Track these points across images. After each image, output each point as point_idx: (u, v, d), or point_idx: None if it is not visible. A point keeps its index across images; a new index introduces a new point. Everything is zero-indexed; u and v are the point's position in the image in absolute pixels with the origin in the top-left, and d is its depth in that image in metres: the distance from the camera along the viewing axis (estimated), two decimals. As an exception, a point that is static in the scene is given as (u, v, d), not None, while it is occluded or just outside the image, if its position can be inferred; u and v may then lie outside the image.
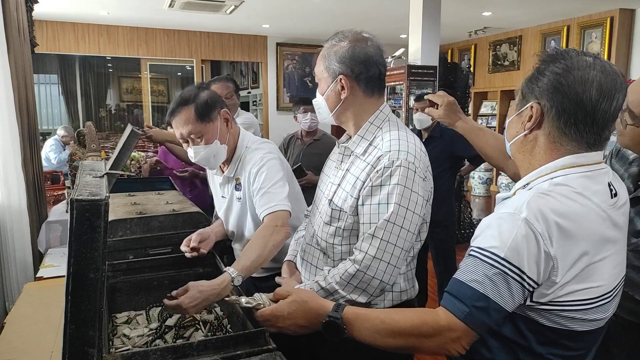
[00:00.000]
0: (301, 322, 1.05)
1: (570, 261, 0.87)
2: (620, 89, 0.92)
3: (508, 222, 0.88)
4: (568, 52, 0.95)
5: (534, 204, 0.88)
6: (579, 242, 0.87)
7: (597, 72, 0.91)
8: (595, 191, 0.93)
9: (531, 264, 0.86)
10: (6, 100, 2.41)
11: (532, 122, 0.96)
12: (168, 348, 1.13)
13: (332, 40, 1.39)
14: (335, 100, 1.37)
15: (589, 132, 0.93)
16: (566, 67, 0.92)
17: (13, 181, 2.48)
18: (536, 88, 0.96)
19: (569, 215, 0.87)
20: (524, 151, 1.01)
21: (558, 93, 0.92)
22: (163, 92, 10.18)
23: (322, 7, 6.43)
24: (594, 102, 0.90)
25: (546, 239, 0.86)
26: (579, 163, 0.94)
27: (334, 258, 1.37)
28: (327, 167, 1.52)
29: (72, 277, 0.89)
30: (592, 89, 0.90)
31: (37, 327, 1.63)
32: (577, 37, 7.14)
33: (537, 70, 0.97)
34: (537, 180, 0.96)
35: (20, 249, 2.53)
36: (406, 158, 1.25)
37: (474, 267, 0.90)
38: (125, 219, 1.65)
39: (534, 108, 0.95)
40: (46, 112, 9.59)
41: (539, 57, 0.99)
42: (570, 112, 0.92)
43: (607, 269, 0.92)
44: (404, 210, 1.24)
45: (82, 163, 1.38)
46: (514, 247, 0.86)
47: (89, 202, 0.87)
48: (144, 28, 7.90)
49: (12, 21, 2.56)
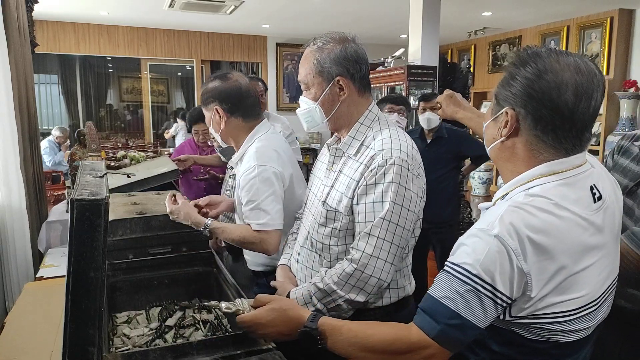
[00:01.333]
0: (280, 329, 1.06)
1: (546, 276, 0.84)
2: (597, 87, 0.87)
3: (481, 238, 0.86)
4: (539, 54, 0.90)
5: (507, 218, 0.84)
6: (555, 256, 0.84)
7: (571, 74, 0.86)
8: (575, 199, 0.89)
9: (504, 281, 0.84)
10: (6, 100, 2.41)
11: (508, 129, 0.92)
12: (168, 348, 1.13)
13: (314, 45, 1.36)
14: (332, 104, 1.35)
15: (568, 137, 0.89)
16: (537, 71, 0.88)
17: (13, 181, 2.48)
18: (509, 94, 0.92)
19: (544, 229, 0.84)
20: (502, 158, 0.97)
21: (532, 100, 0.88)
22: (163, 92, 10.18)
23: (322, 7, 6.43)
24: (571, 105, 0.86)
25: (519, 255, 0.83)
26: (557, 170, 0.90)
27: (330, 259, 1.37)
28: (316, 169, 1.52)
29: (72, 277, 0.89)
30: (567, 92, 0.85)
31: (37, 327, 1.64)
32: (577, 38, 7.14)
33: (509, 74, 0.93)
34: (515, 190, 0.92)
35: (20, 249, 2.53)
36: (399, 156, 1.26)
37: (447, 283, 0.88)
38: (125, 219, 1.65)
39: (509, 114, 0.91)
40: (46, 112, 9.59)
41: (510, 59, 0.95)
42: (548, 119, 0.87)
43: (592, 277, 0.89)
44: (399, 207, 1.25)
45: (82, 163, 1.39)
46: (486, 264, 0.84)
47: (89, 202, 0.88)
48: (144, 28, 7.90)
49: (12, 21, 2.56)
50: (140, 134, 9.40)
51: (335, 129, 1.42)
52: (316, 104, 1.36)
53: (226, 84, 1.73)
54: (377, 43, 8.99)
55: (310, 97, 1.37)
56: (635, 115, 6.38)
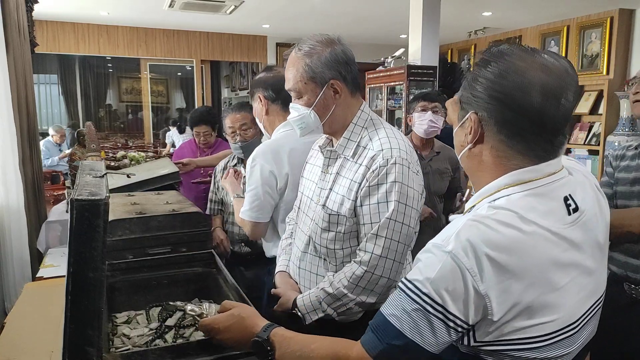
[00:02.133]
0: (236, 337, 1.04)
1: (510, 297, 0.76)
2: (569, 85, 0.80)
3: (434, 254, 0.78)
4: (503, 52, 0.84)
5: (464, 234, 0.76)
6: (520, 276, 0.76)
7: (537, 72, 0.79)
8: (545, 212, 0.80)
9: (457, 303, 0.76)
10: (5, 100, 2.41)
11: (473, 135, 0.85)
12: (168, 348, 1.13)
13: (300, 51, 1.34)
14: (326, 108, 1.34)
15: (538, 141, 0.81)
16: (500, 70, 0.81)
17: (11, 181, 2.48)
18: (472, 97, 0.85)
19: (507, 246, 0.76)
20: (471, 167, 0.90)
21: (495, 102, 0.81)
22: (163, 93, 10.19)
23: (322, 7, 6.43)
24: (538, 107, 0.78)
25: (475, 275, 0.75)
26: (524, 179, 0.82)
27: (335, 263, 1.36)
28: (307, 172, 1.51)
29: (72, 277, 0.89)
30: (533, 92, 0.78)
31: (37, 327, 1.63)
32: (577, 38, 7.14)
33: (472, 76, 0.86)
34: (482, 202, 0.85)
35: (18, 249, 2.53)
36: (399, 155, 1.27)
37: (396, 300, 0.81)
38: (125, 219, 1.65)
39: (472, 119, 0.85)
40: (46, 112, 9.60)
41: (476, 60, 0.89)
42: (513, 122, 0.80)
43: (567, 298, 0.80)
44: (404, 206, 1.25)
45: (82, 163, 1.38)
46: (437, 283, 0.76)
47: (89, 202, 0.87)
48: (143, 28, 7.90)
49: (12, 21, 2.56)
50: (140, 134, 9.41)
51: (330, 132, 1.41)
52: (310, 109, 1.34)
53: (270, 74, 1.85)
54: (377, 43, 8.99)
55: (303, 104, 1.35)
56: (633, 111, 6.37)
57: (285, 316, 1.41)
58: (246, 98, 10.68)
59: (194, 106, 8.84)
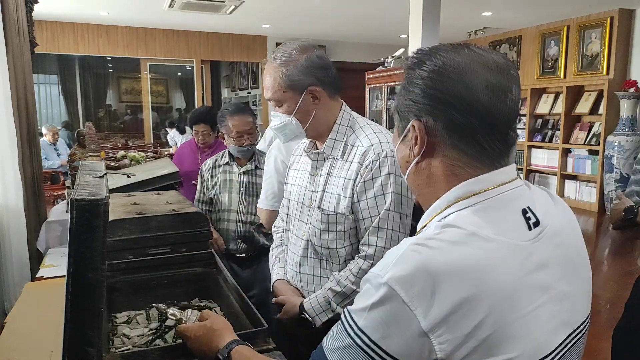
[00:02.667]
0: (203, 349, 1.04)
1: (460, 332, 0.63)
2: (512, 78, 0.73)
3: (371, 285, 0.67)
4: (437, 49, 0.76)
5: (403, 261, 0.65)
6: (473, 304, 0.63)
7: (479, 67, 0.72)
8: (501, 226, 0.70)
9: (395, 342, 0.64)
10: (4, 101, 2.41)
11: (421, 145, 0.75)
12: (168, 348, 1.13)
13: (276, 60, 1.34)
14: (307, 114, 1.35)
15: (491, 141, 0.72)
16: (437, 68, 0.73)
17: (11, 181, 2.48)
18: (410, 103, 0.75)
19: (456, 270, 0.64)
20: (420, 184, 0.79)
21: (439, 103, 0.72)
22: (162, 93, 10.19)
23: (322, 7, 6.43)
24: (486, 103, 0.70)
25: (416, 308, 0.62)
26: (475, 190, 0.72)
27: (339, 262, 1.37)
28: (293, 178, 1.51)
29: (71, 277, 0.89)
30: (479, 88, 0.70)
31: (37, 327, 1.63)
32: (577, 38, 7.14)
33: (406, 80, 0.77)
34: (432, 221, 0.75)
35: (17, 249, 2.54)
36: (389, 148, 1.30)
37: (335, 331, 0.72)
38: (125, 219, 1.65)
39: (416, 127, 0.75)
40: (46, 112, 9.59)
41: (403, 66, 0.80)
42: (463, 124, 0.71)
43: (534, 327, 0.67)
44: (400, 196, 1.29)
45: (82, 163, 1.38)
46: (372, 318, 0.65)
47: (89, 202, 0.87)
48: (143, 28, 7.91)
49: (12, 21, 2.56)
50: (140, 134, 9.41)
51: (314, 137, 1.43)
52: (291, 116, 1.35)
53: None
54: (377, 43, 8.99)
55: (284, 112, 1.36)
56: (635, 115, 6.38)
57: (294, 322, 1.41)
58: (245, 98, 10.70)
59: (194, 106, 8.84)
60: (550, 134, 7.55)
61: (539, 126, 7.80)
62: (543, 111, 7.70)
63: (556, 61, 7.54)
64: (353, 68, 8.66)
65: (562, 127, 7.19)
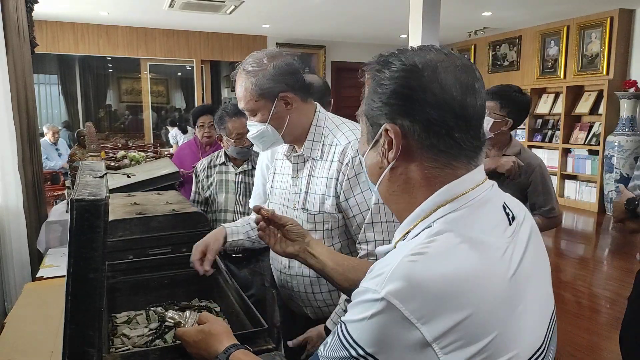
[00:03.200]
0: (202, 353, 1.03)
1: (465, 339, 0.62)
2: (478, 78, 0.72)
3: (367, 298, 0.65)
4: (401, 51, 0.75)
5: (399, 273, 0.63)
6: (477, 311, 0.62)
7: (447, 64, 0.71)
8: (490, 225, 0.71)
9: (393, 354, 0.63)
10: (4, 101, 2.41)
11: (396, 149, 0.72)
12: (168, 348, 1.13)
13: (244, 71, 1.36)
14: (281, 120, 1.37)
15: (467, 139, 0.71)
16: (409, 68, 0.71)
17: (11, 182, 2.48)
18: (382, 106, 0.72)
19: (456, 278, 0.63)
20: (395, 191, 0.76)
21: (414, 102, 0.70)
22: (163, 93, 10.18)
23: (322, 7, 6.43)
24: (459, 99, 0.69)
25: (417, 321, 0.61)
26: (459, 192, 0.71)
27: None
28: (277, 182, 1.53)
29: (72, 277, 0.89)
30: (451, 84, 0.69)
31: (37, 327, 1.63)
32: (577, 37, 7.14)
33: (374, 84, 0.74)
34: (418, 227, 0.72)
35: (18, 250, 2.54)
36: None
37: (330, 342, 0.70)
38: (125, 219, 1.65)
39: (390, 131, 0.72)
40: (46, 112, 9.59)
41: (366, 69, 0.77)
42: (439, 121, 0.69)
43: (529, 321, 0.68)
44: None
45: (82, 163, 1.39)
46: (369, 330, 0.64)
47: (89, 203, 0.87)
48: (143, 28, 7.91)
49: (12, 22, 2.56)
50: (140, 134, 9.41)
51: (292, 141, 1.44)
52: (266, 124, 1.37)
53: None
54: (377, 43, 8.99)
55: (259, 120, 1.38)
56: (635, 115, 6.38)
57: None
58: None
59: (194, 106, 8.85)
60: (550, 134, 7.56)
61: (538, 126, 7.80)
62: (543, 111, 7.70)
63: (556, 61, 7.54)
64: (353, 68, 8.65)
65: (562, 127, 7.19)
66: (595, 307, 3.59)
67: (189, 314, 1.19)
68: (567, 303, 3.75)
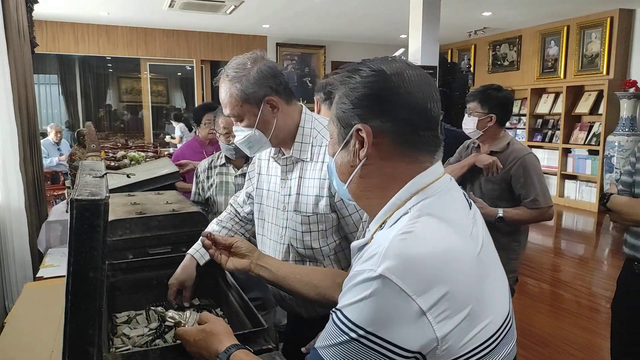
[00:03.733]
0: (202, 352, 1.04)
1: (453, 308, 0.68)
2: (433, 84, 0.80)
3: (363, 279, 0.69)
4: (365, 61, 0.81)
5: (393, 251, 0.69)
6: (459, 283, 0.69)
7: (409, 71, 0.78)
8: (458, 209, 0.79)
9: (393, 329, 0.67)
10: (5, 101, 2.41)
11: (367, 147, 0.78)
12: (168, 348, 1.13)
13: (227, 77, 1.35)
14: (268, 124, 1.36)
15: (429, 136, 0.78)
16: (378, 73, 0.78)
17: (12, 181, 2.49)
18: (355, 108, 0.79)
19: (441, 253, 0.70)
20: (368, 186, 0.82)
21: (385, 103, 0.77)
22: (163, 93, 10.18)
23: (322, 7, 6.43)
24: (422, 102, 0.77)
25: (413, 292, 0.66)
26: (428, 182, 0.79)
27: (323, 260, 1.40)
28: (265, 183, 1.52)
29: (72, 277, 0.89)
30: (415, 88, 0.77)
31: (37, 327, 1.63)
32: (577, 37, 7.14)
33: (345, 89, 0.80)
34: (394, 216, 0.78)
35: (19, 249, 2.54)
36: None
37: (327, 332, 0.73)
38: (125, 219, 1.65)
39: (361, 131, 0.78)
40: (46, 112, 9.59)
41: (335, 77, 0.83)
42: (407, 120, 0.77)
43: (496, 294, 0.76)
44: None
45: (82, 163, 1.38)
46: (366, 310, 0.68)
47: (89, 202, 0.87)
48: (143, 28, 7.91)
49: (12, 22, 2.57)
50: (140, 134, 9.41)
51: (279, 144, 1.44)
52: (253, 129, 1.37)
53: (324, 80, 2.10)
54: (377, 43, 8.99)
55: (245, 126, 1.38)
56: (635, 115, 6.38)
57: None
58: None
59: (194, 106, 8.85)
60: (550, 134, 7.56)
61: (539, 126, 7.80)
62: (543, 111, 7.70)
63: (556, 61, 7.54)
64: (353, 68, 8.65)
65: (562, 127, 7.19)
66: (595, 307, 3.59)
67: (189, 314, 1.19)
68: (567, 303, 3.75)
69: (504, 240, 2.18)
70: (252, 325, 1.28)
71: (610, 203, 1.77)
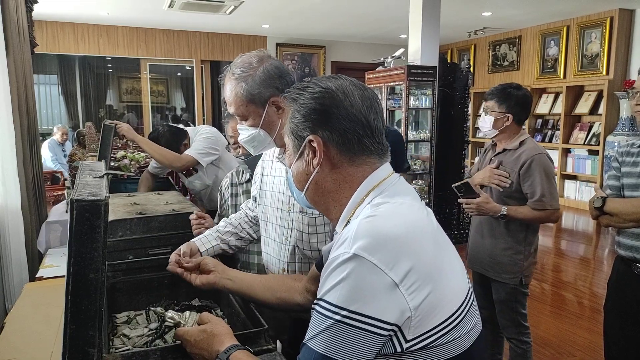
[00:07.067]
0: (203, 353, 1.04)
1: (421, 279, 0.76)
2: (376, 98, 0.91)
3: (338, 263, 0.76)
4: (314, 80, 0.92)
5: (361, 233, 0.77)
6: (423, 255, 0.78)
7: (353, 87, 0.89)
8: (414, 197, 0.89)
9: (371, 304, 0.73)
10: (4, 101, 2.41)
11: (319, 156, 0.88)
12: (168, 348, 1.13)
13: (233, 76, 1.34)
14: (273, 124, 1.36)
15: (373, 143, 0.89)
16: (325, 90, 0.89)
17: (11, 182, 2.48)
18: (305, 121, 0.89)
19: (404, 231, 0.78)
20: (324, 191, 0.92)
21: (331, 116, 0.87)
22: (163, 93, 10.16)
23: (322, 7, 6.43)
24: (365, 114, 0.87)
25: (385, 267, 0.74)
26: (383, 177, 0.89)
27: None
28: (268, 184, 1.50)
29: (72, 277, 0.89)
30: (358, 102, 0.87)
31: (37, 327, 1.63)
32: (577, 37, 7.14)
33: (296, 106, 0.91)
34: (356, 212, 0.87)
35: (18, 249, 2.53)
36: None
37: (311, 325, 0.78)
38: (125, 219, 1.65)
39: (314, 142, 0.88)
40: (46, 112, 9.58)
41: (287, 95, 0.94)
42: (351, 131, 0.87)
43: (455, 271, 0.84)
44: None
45: (82, 163, 1.38)
46: (345, 290, 0.75)
47: (89, 203, 0.87)
48: (143, 28, 7.91)
49: (12, 22, 2.56)
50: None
51: (283, 145, 1.42)
52: (258, 129, 1.36)
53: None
54: (377, 43, 8.99)
55: (250, 125, 1.37)
56: (635, 115, 6.38)
57: None
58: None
59: (194, 106, 8.84)
60: (550, 134, 7.55)
61: (539, 126, 7.80)
62: (543, 111, 7.70)
63: (556, 61, 7.54)
64: (353, 68, 8.66)
65: (562, 127, 7.19)
66: (595, 307, 3.59)
67: (189, 314, 1.19)
68: (568, 303, 3.75)
69: (509, 239, 2.10)
70: (252, 326, 1.27)
71: (608, 206, 1.75)
